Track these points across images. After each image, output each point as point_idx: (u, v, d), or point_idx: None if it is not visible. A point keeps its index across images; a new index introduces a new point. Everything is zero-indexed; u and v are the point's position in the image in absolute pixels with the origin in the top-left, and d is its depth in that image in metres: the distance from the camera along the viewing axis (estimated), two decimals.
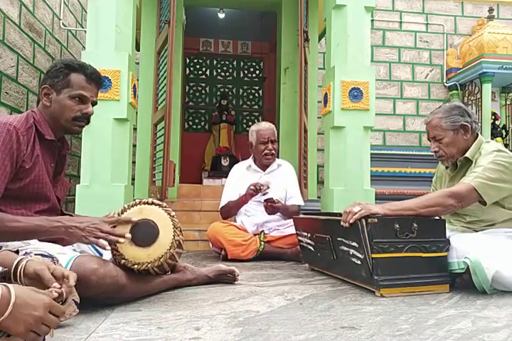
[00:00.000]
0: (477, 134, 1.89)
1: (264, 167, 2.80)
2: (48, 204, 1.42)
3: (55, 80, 1.44)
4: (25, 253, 1.08)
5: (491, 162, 1.72)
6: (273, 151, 2.75)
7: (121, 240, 1.36)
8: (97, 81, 1.51)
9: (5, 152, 1.27)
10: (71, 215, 1.55)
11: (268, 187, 2.52)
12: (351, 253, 1.66)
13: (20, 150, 1.31)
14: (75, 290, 1.16)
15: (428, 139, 1.97)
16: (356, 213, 1.58)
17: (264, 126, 2.77)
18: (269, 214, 2.58)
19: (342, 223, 1.62)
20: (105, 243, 1.33)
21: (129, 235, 1.37)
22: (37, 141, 1.39)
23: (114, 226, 1.41)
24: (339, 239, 1.74)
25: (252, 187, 2.51)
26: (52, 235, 1.30)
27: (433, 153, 1.95)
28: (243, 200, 2.61)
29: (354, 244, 1.63)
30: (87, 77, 1.46)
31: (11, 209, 1.32)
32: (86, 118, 1.49)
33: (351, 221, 1.58)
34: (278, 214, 2.64)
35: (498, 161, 1.72)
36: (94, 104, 1.51)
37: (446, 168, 1.99)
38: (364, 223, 1.55)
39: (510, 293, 1.56)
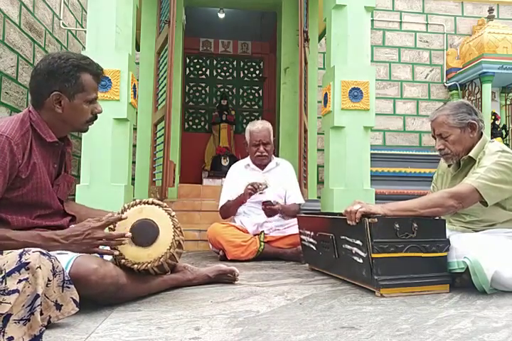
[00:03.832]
0: (481, 133, 1.87)
1: (261, 166, 2.79)
2: (49, 210, 1.41)
3: (66, 85, 1.36)
4: (24, 250, 1.08)
5: (494, 163, 1.71)
6: (265, 153, 2.72)
7: (124, 241, 1.37)
8: (101, 77, 1.49)
9: None
10: (74, 217, 1.54)
11: (266, 186, 2.51)
12: (354, 251, 1.66)
13: (14, 161, 1.26)
14: (74, 288, 1.16)
15: (433, 136, 1.93)
16: (357, 211, 1.58)
17: (258, 127, 2.73)
18: (268, 216, 2.57)
19: (349, 222, 1.62)
20: (114, 252, 1.37)
21: (129, 234, 1.38)
22: (34, 145, 1.34)
23: (114, 228, 1.41)
24: (342, 237, 1.74)
25: (249, 187, 2.51)
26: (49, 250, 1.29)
27: (437, 151, 1.91)
28: (241, 200, 2.61)
29: (358, 242, 1.62)
30: (95, 76, 1.43)
31: (12, 216, 1.30)
32: (96, 117, 1.49)
33: (357, 220, 1.58)
34: (278, 214, 2.64)
35: (501, 162, 1.71)
36: None
37: (449, 166, 1.97)
38: (367, 222, 1.55)
39: (510, 293, 1.56)
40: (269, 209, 2.50)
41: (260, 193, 2.52)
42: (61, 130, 1.43)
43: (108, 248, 1.40)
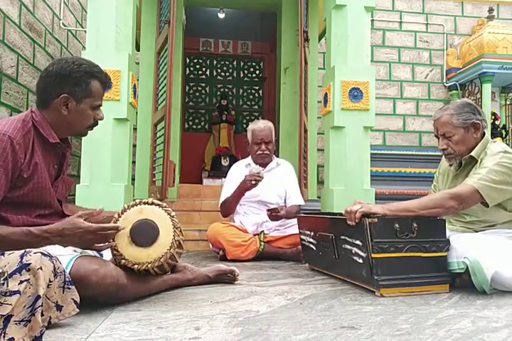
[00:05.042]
0: (484, 133, 1.86)
1: (262, 165, 2.79)
2: (49, 210, 1.41)
3: (76, 89, 1.39)
4: (25, 252, 1.08)
5: (496, 163, 1.70)
6: (266, 152, 2.73)
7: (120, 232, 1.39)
8: (107, 86, 1.53)
9: None
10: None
11: (262, 177, 2.49)
12: (354, 251, 1.66)
13: (16, 161, 1.26)
14: (75, 289, 1.16)
15: (435, 136, 1.92)
16: (357, 211, 1.58)
17: (260, 126, 2.74)
18: (272, 220, 2.58)
19: (349, 222, 1.62)
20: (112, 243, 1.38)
21: (125, 229, 1.39)
22: (36, 145, 1.34)
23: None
24: (342, 237, 1.74)
25: (253, 182, 2.49)
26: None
27: (440, 151, 1.90)
28: (242, 191, 2.58)
29: (358, 242, 1.63)
30: (103, 84, 1.46)
31: (12, 215, 1.29)
32: (97, 123, 1.52)
33: (357, 220, 1.58)
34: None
35: (503, 163, 1.70)
36: None
37: (450, 165, 1.96)
38: (367, 222, 1.55)
39: (510, 293, 1.56)
40: (275, 215, 2.52)
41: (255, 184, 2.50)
42: (63, 132, 1.44)
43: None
